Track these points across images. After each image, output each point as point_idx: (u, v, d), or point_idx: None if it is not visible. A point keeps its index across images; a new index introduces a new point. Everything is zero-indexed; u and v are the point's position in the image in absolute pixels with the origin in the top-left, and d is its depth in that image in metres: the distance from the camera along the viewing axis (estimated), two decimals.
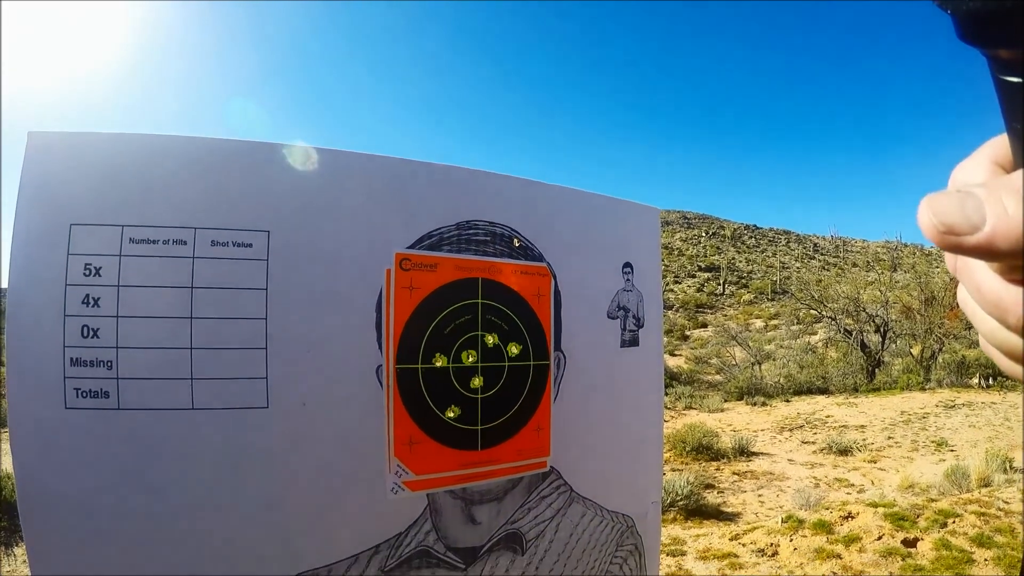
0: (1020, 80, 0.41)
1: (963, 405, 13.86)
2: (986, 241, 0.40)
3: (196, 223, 0.95)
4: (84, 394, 0.89)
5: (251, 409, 0.97)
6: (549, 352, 1.26)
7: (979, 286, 0.47)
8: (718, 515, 7.77)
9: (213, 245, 0.96)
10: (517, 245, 1.23)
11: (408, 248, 1.10)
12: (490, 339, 1.18)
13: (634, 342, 1.42)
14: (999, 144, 0.50)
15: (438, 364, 1.12)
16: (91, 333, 0.90)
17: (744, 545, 5.71)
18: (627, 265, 1.41)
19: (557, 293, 1.28)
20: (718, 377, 20.18)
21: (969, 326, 19.64)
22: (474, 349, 1.16)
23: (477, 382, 1.16)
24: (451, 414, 1.13)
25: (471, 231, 1.17)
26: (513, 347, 1.21)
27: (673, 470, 9.55)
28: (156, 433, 0.91)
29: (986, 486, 7.69)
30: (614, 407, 1.38)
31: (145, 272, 0.92)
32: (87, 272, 0.90)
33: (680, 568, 5.26)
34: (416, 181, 1.13)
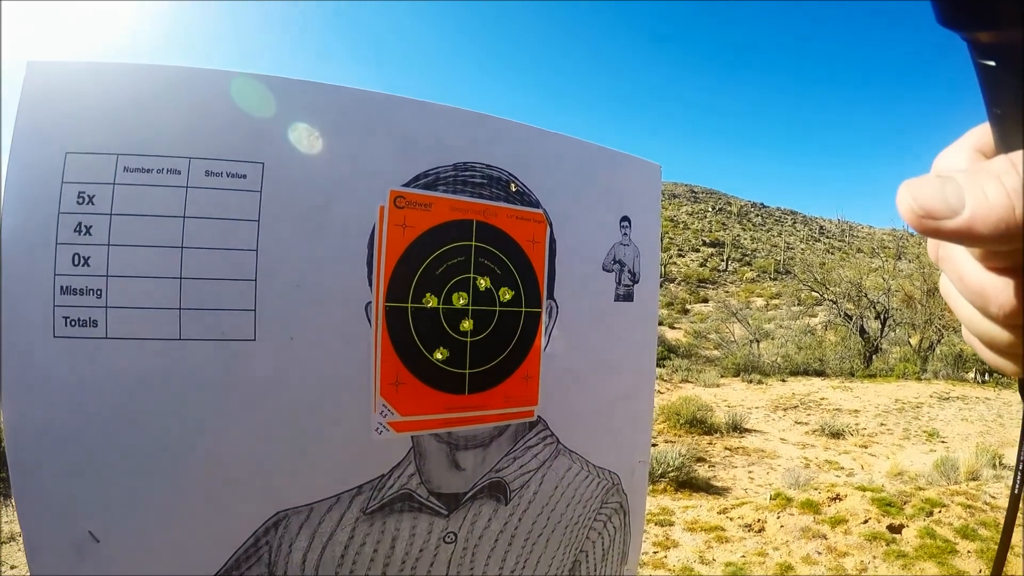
0: (997, 64, 0.40)
1: (957, 398, 13.89)
2: (965, 225, 0.39)
3: (191, 153, 0.94)
4: (73, 323, 0.89)
5: (239, 341, 0.96)
6: (541, 300, 1.25)
7: (960, 274, 0.46)
8: (708, 488, 7.83)
9: (207, 175, 0.94)
10: (514, 190, 1.21)
11: (403, 186, 1.08)
12: (482, 282, 1.16)
13: (628, 297, 1.41)
14: (982, 132, 0.49)
15: (428, 304, 1.11)
16: (82, 261, 0.89)
17: (732, 519, 5.76)
18: (625, 219, 1.39)
19: (552, 241, 1.26)
20: (716, 352, 20.23)
21: None
22: (465, 292, 1.15)
23: (467, 325, 1.15)
24: (439, 356, 1.12)
25: (468, 172, 1.15)
26: (505, 292, 1.19)
27: (666, 442, 9.61)
28: (143, 363, 0.91)
29: (974, 479, 7.74)
30: (605, 361, 1.37)
31: (138, 201, 0.91)
32: (80, 200, 0.89)
33: (667, 538, 5.31)
34: (414, 119, 1.11)
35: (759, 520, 5.76)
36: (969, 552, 4.99)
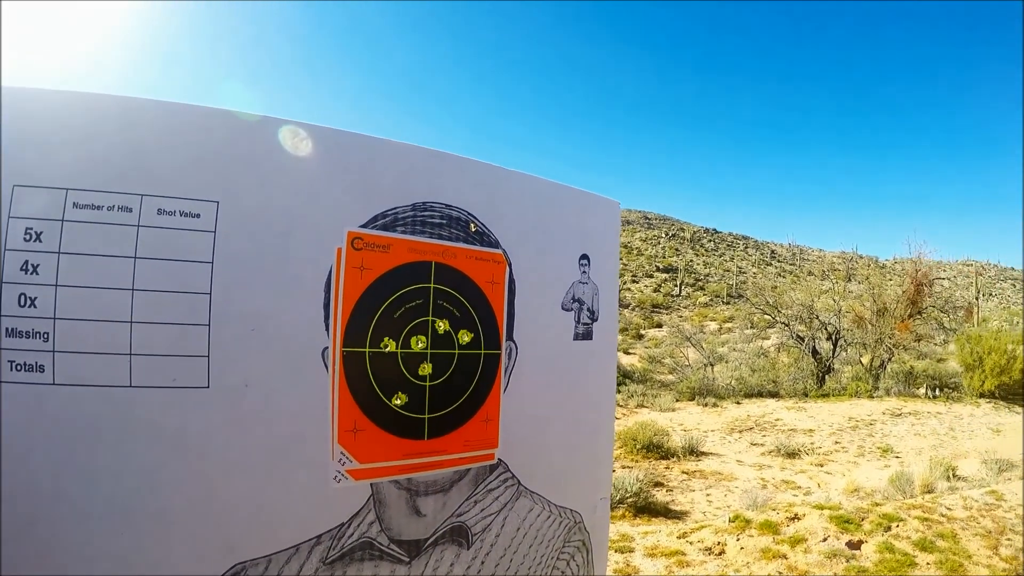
0: None
1: (909, 414, 14.18)
2: None
3: (143, 189, 0.91)
4: (19, 367, 0.85)
5: (191, 389, 0.93)
6: (501, 341, 1.24)
7: None
8: (666, 513, 7.83)
9: (159, 214, 0.92)
10: (473, 230, 1.20)
11: (361, 227, 1.06)
12: (441, 325, 1.15)
13: (588, 335, 1.41)
14: None
15: (387, 349, 1.09)
16: (28, 302, 0.85)
17: (691, 543, 5.77)
18: (584, 257, 1.39)
19: (512, 281, 1.25)
20: (671, 377, 20.36)
21: (919, 338, 20.17)
22: (424, 335, 1.13)
23: (426, 369, 1.13)
24: (398, 401, 1.10)
25: (427, 213, 1.14)
26: (464, 335, 1.18)
27: (623, 467, 9.61)
28: (92, 412, 0.87)
29: (929, 492, 7.88)
30: (565, 401, 1.37)
31: (87, 239, 0.88)
32: (27, 237, 0.86)
33: (628, 565, 5.29)
34: (373, 158, 1.09)
35: (719, 543, 5.78)
36: (928, 564, 5.06)
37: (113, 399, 0.88)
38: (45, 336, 0.85)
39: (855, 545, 5.64)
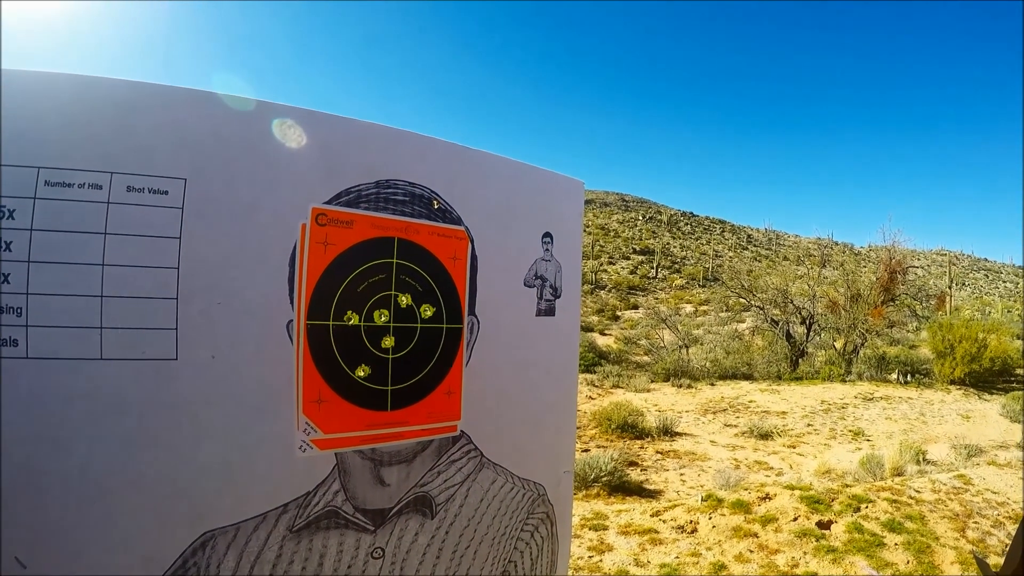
0: None
1: (881, 398, 14.41)
2: None
3: (113, 167, 0.93)
4: None
5: (160, 361, 0.95)
6: (463, 316, 1.27)
7: None
8: (640, 492, 7.93)
9: (128, 191, 0.93)
10: (436, 207, 1.22)
11: (325, 203, 1.09)
12: (403, 300, 1.18)
13: (550, 312, 1.44)
14: None
15: (350, 322, 1.11)
16: (2, 278, 0.87)
17: (664, 522, 5.85)
18: (547, 235, 1.42)
19: (474, 258, 1.28)
20: (646, 358, 20.48)
21: (891, 325, 20.43)
22: (387, 309, 1.16)
23: (388, 342, 1.16)
24: (361, 373, 1.13)
25: (390, 190, 1.16)
26: (426, 309, 1.21)
27: (598, 447, 9.70)
28: (64, 384, 0.89)
29: (899, 475, 8.02)
30: (527, 376, 1.40)
31: (59, 216, 0.89)
32: (1, 214, 0.87)
33: (602, 542, 5.36)
34: (337, 136, 1.11)
35: (691, 521, 5.87)
36: (896, 544, 5.18)
37: (85, 371, 0.90)
38: (18, 312, 0.87)
39: (825, 525, 5.75)
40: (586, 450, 9.51)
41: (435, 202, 1.22)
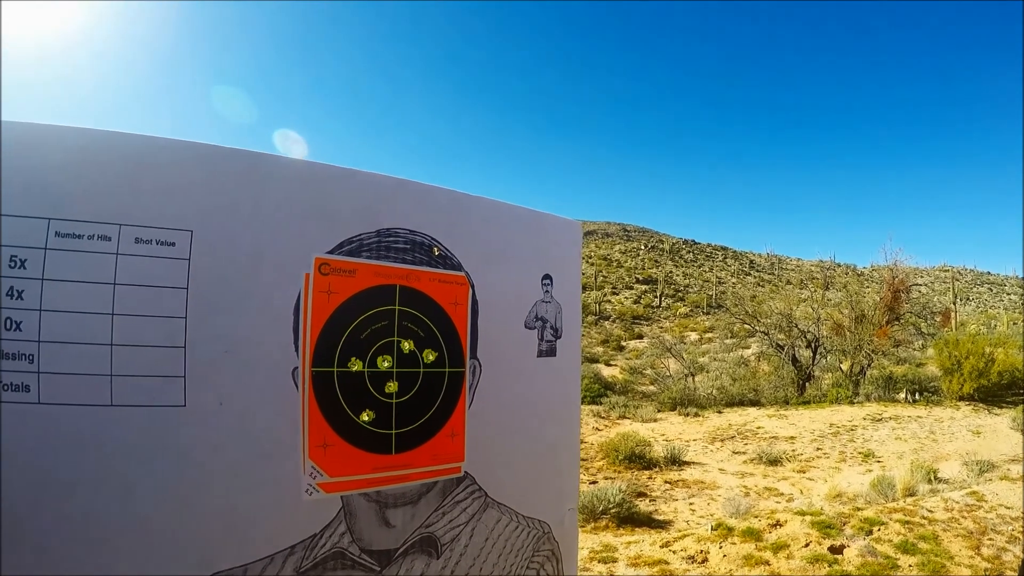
0: None
1: (890, 419, 14.30)
2: None
3: (121, 219, 0.96)
4: (6, 387, 0.89)
5: (169, 407, 0.97)
6: (465, 360, 1.29)
7: None
8: (649, 523, 7.86)
9: (137, 242, 0.96)
10: (436, 254, 1.25)
11: (328, 253, 1.12)
12: (406, 345, 1.20)
13: (551, 352, 1.46)
14: None
15: (354, 368, 1.14)
16: (14, 326, 0.90)
17: (675, 552, 5.80)
18: (547, 277, 1.45)
19: (475, 302, 1.31)
20: (652, 387, 20.34)
21: (897, 344, 20.32)
22: (390, 354, 1.18)
23: (392, 387, 1.18)
24: (365, 417, 1.15)
25: (391, 238, 1.20)
26: (429, 354, 1.23)
27: (606, 478, 9.63)
28: (74, 429, 0.91)
29: (911, 496, 7.94)
30: (530, 416, 1.42)
31: (69, 266, 0.92)
32: (12, 264, 0.90)
33: (611, 574, 5.31)
34: (338, 187, 1.15)
35: (702, 551, 5.81)
36: (911, 566, 5.12)
37: (94, 417, 0.92)
38: (30, 358, 0.89)
39: (837, 550, 5.69)
40: (594, 482, 9.45)
41: (435, 249, 1.25)
